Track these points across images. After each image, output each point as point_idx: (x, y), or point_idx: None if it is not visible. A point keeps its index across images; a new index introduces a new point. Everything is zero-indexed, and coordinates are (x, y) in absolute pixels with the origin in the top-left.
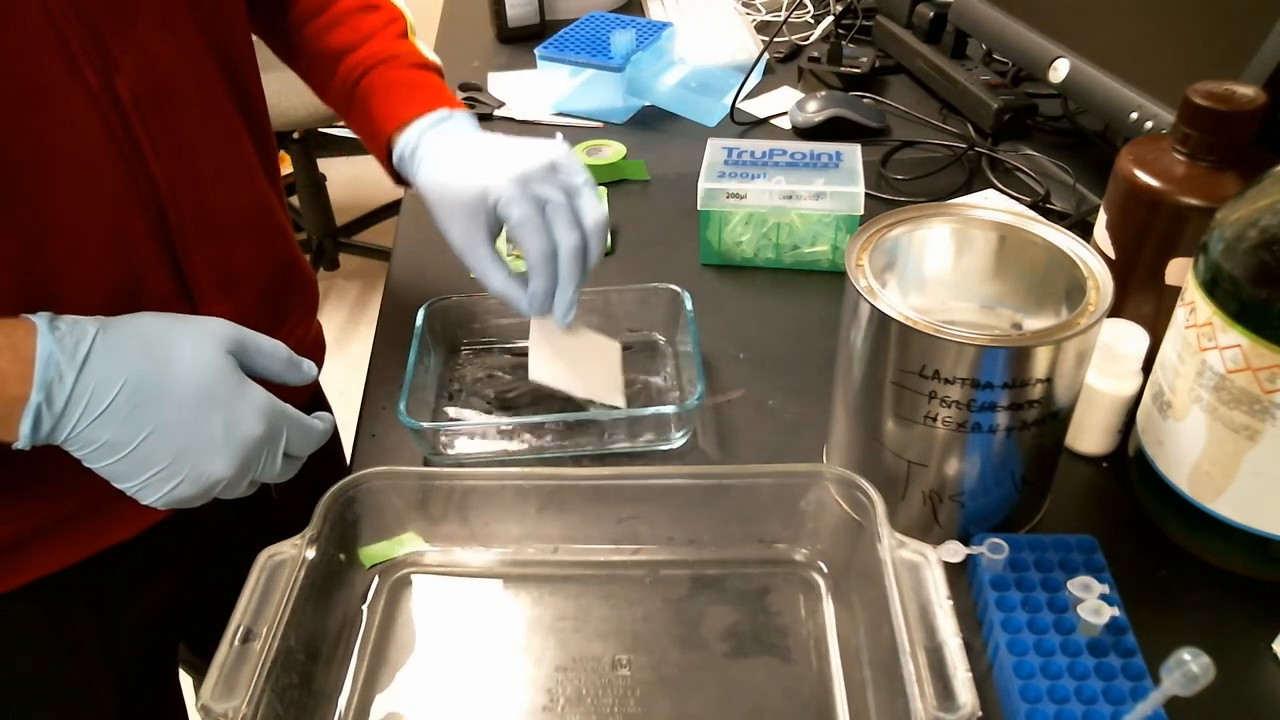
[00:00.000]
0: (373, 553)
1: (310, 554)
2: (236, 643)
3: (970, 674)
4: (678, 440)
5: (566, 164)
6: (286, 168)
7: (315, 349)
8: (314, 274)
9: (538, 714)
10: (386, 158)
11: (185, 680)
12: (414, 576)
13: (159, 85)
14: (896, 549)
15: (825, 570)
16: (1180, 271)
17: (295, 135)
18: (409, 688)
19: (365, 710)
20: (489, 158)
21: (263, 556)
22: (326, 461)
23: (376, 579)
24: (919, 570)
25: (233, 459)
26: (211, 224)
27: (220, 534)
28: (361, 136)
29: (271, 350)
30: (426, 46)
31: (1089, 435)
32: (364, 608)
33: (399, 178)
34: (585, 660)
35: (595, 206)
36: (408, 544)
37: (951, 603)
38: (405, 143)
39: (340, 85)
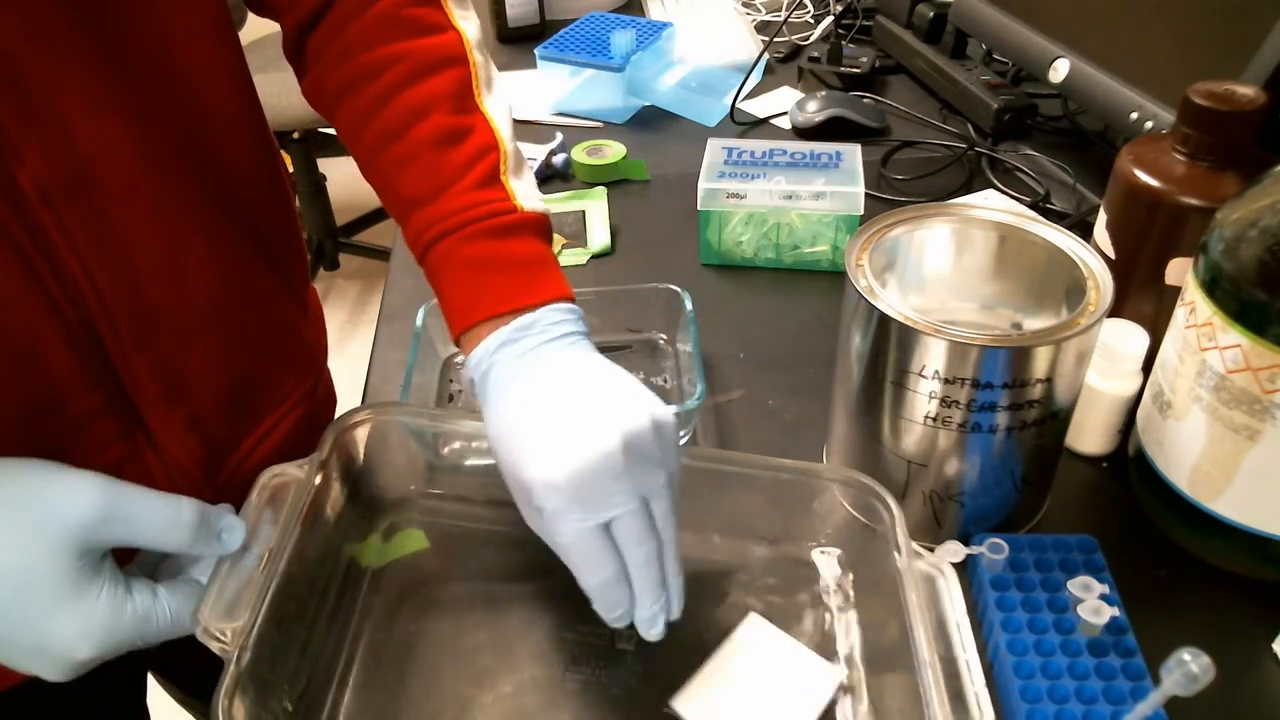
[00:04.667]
0: (374, 552)
1: (317, 480)
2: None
3: (988, 689)
4: None
5: (646, 448)
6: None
7: (315, 423)
8: (321, 330)
9: (537, 713)
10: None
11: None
12: (415, 574)
13: (79, 173)
14: (913, 560)
15: (830, 571)
16: (1180, 271)
17: (295, 135)
18: (409, 687)
19: (365, 710)
20: (545, 430)
21: (264, 475)
22: None
23: (376, 577)
24: (934, 583)
25: (50, 671)
26: (157, 324)
27: None
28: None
29: (167, 520)
30: (528, 181)
31: (1089, 435)
32: (363, 606)
33: None
34: (585, 658)
35: (670, 513)
36: (410, 543)
37: (968, 618)
38: (475, 363)
39: (410, 242)
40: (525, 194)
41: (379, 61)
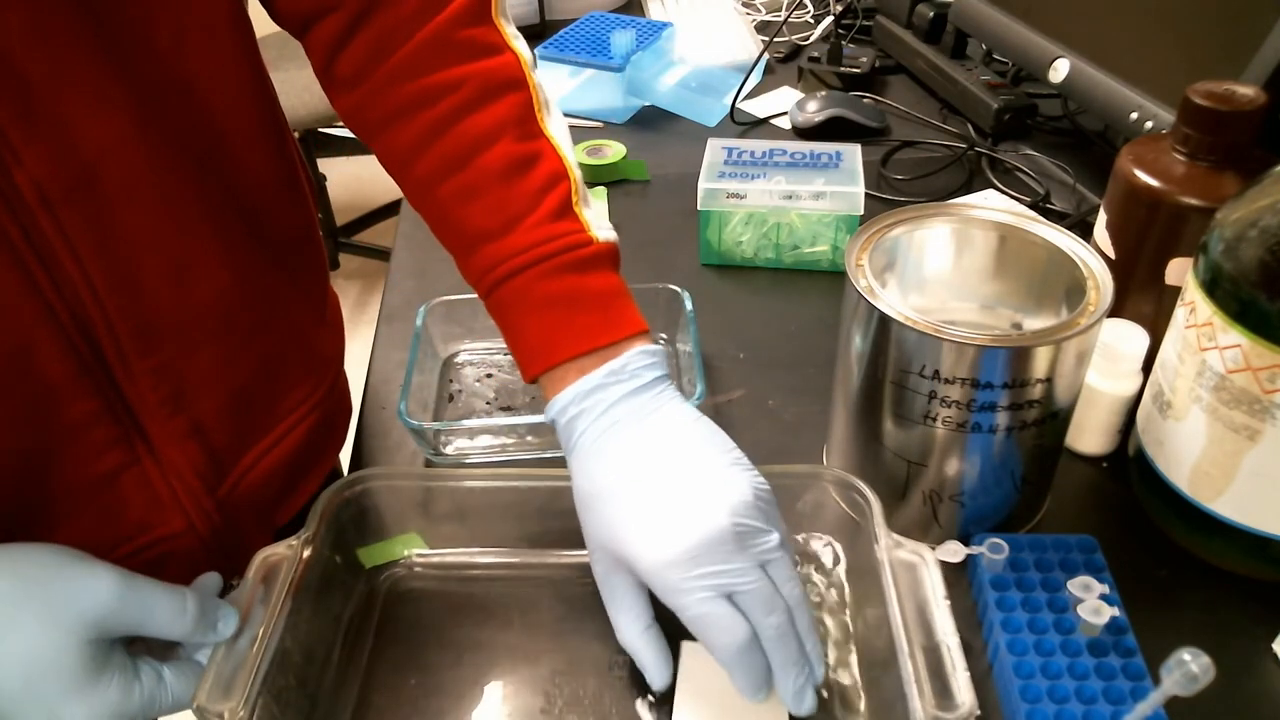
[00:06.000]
0: (371, 553)
1: (306, 554)
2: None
3: (968, 673)
4: None
5: (754, 519)
6: None
7: (328, 431)
8: (339, 339)
9: (535, 716)
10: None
11: None
12: (413, 578)
13: (80, 176)
14: (893, 549)
15: (823, 570)
16: (1180, 271)
17: (295, 135)
18: (406, 690)
19: (363, 713)
20: (652, 506)
21: (258, 557)
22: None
23: (375, 580)
24: (916, 570)
25: None
26: (159, 330)
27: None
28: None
29: (173, 612)
30: (596, 208)
31: (1089, 435)
32: (362, 609)
33: None
34: (584, 662)
35: (792, 574)
36: (407, 545)
37: (949, 603)
38: (561, 406)
39: (475, 276)
40: (597, 224)
41: (434, 87)
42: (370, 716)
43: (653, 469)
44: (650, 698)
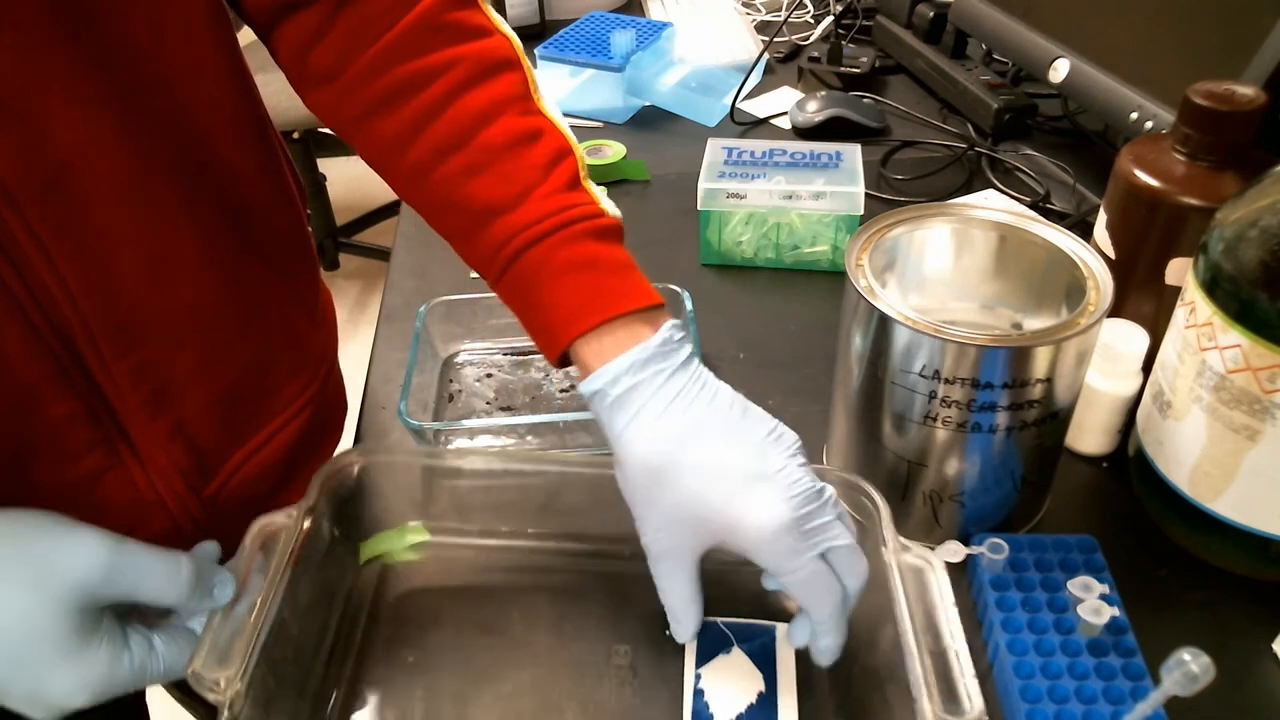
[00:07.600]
0: (372, 545)
1: (305, 525)
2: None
3: (976, 679)
4: None
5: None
6: None
7: (321, 429)
8: (331, 337)
9: (534, 707)
10: (559, 355)
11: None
12: (413, 569)
13: (52, 174)
14: (901, 553)
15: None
16: (1180, 271)
17: (295, 135)
18: (406, 680)
19: (361, 703)
20: (742, 471)
21: (256, 525)
22: None
23: (375, 571)
24: (923, 575)
25: (40, 715)
26: (139, 329)
27: None
28: (519, 319)
29: (167, 578)
30: (597, 188)
31: (1089, 435)
32: (359, 590)
33: (564, 361)
34: (584, 655)
35: (851, 531)
36: (408, 536)
37: (957, 608)
38: (611, 374)
39: (487, 253)
40: (604, 200)
41: (424, 71)
42: (369, 705)
43: (725, 438)
44: (621, 660)
